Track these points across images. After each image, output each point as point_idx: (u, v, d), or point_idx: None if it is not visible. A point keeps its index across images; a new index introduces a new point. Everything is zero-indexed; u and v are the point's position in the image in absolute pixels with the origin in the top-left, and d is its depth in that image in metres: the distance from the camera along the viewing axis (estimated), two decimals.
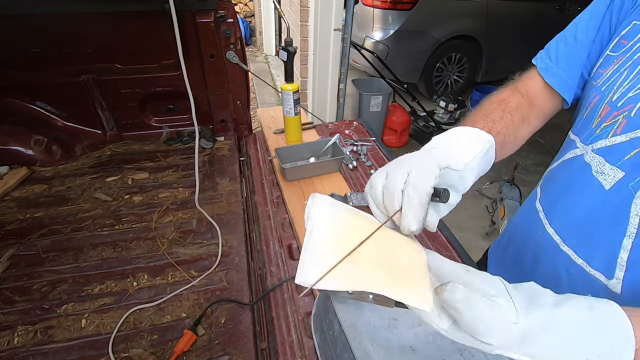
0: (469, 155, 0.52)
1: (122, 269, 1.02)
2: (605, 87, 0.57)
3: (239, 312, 0.90)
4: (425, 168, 0.44)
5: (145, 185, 1.35)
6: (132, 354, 0.81)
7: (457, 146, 0.53)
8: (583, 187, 0.58)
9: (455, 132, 0.56)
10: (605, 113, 0.56)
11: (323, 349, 0.70)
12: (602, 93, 0.57)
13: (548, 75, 0.67)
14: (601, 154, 0.56)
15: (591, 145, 0.58)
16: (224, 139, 1.63)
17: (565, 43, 0.66)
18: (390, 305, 0.61)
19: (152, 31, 1.32)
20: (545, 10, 4.20)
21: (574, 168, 0.62)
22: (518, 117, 0.66)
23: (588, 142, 0.59)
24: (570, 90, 0.67)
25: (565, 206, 0.62)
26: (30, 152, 1.43)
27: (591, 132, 0.58)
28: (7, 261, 1.03)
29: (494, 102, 0.67)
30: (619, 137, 0.53)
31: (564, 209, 0.62)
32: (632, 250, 0.51)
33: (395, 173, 0.45)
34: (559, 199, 0.64)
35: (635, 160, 0.51)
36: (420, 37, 3.80)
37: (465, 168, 0.50)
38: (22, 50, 1.29)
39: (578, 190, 0.60)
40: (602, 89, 0.57)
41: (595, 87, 0.59)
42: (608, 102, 0.56)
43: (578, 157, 0.61)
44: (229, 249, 1.09)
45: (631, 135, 0.51)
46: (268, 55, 5.50)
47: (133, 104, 1.52)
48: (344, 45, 2.60)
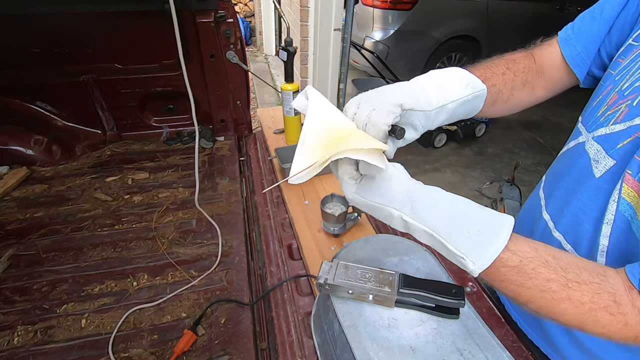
0: (443, 98, 0.53)
1: (122, 269, 1.02)
2: (619, 76, 0.56)
3: (239, 312, 0.90)
4: (388, 107, 0.47)
5: (145, 185, 1.35)
6: (132, 354, 0.81)
7: (436, 87, 0.53)
8: (578, 174, 0.59)
9: (444, 72, 0.56)
10: (613, 101, 0.55)
11: (323, 349, 0.70)
12: (615, 82, 0.56)
13: (565, 47, 0.65)
14: (599, 142, 0.56)
15: (592, 133, 0.58)
16: (224, 139, 1.63)
17: (591, 17, 0.64)
18: (390, 305, 0.61)
19: (152, 31, 1.32)
20: (545, 10, 4.20)
21: (573, 155, 0.62)
22: (521, 79, 0.65)
23: (591, 129, 0.58)
24: (582, 65, 0.65)
25: (561, 193, 0.63)
26: (30, 152, 1.43)
27: (596, 120, 0.58)
28: (7, 261, 1.03)
29: (503, 58, 0.66)
30: (618, 126, 0.53)
31: (560, 195, 0.63)
32: (611, 236, 0.52)
33: (364, 107, 0.48)
34: (556, 185, 0.65)
35: (627, 148, 0.51)
36: (420, 37, 3.80)
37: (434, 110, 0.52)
38: (22, 50, 1.29)
39: (573, 178, 0.60)
40: (617, 78, 0.57)
41: (612, 76, 0.58)
42: (618, 91, 0.55)
43: (580, 144, 0.61)
44: (229, 249, 1.09)
45: (629, 124, 0.51)
46: (268, 55, 5.50)
47: (133, 104, 1.52)
48: (344, 45, 2.60)
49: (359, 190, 0.47)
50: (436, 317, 0.61)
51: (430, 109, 0.51)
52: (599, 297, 0.42)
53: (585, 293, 0.42)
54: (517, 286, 0.44)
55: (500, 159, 3.49)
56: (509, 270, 0.43)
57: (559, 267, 0.43)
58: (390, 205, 0.46)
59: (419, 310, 0.61)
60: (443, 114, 0.54)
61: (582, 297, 0.42)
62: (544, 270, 0.43)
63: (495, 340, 0.59)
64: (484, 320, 0.62)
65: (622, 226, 0.51)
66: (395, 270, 0.64)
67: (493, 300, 0.86)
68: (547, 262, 0.43)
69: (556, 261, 0.44)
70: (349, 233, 1.04)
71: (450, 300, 0.57)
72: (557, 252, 0.45)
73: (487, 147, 3.69)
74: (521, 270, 0.43)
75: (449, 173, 3.24)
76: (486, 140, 3.78)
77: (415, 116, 0.52)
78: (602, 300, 0.42)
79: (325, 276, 0.63)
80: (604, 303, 0.42)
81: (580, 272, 0.43)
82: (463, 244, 0.43)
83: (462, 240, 0.43)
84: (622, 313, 0.42)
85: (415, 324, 0.60)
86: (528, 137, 3.90)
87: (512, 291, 0.45)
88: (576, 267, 0.44)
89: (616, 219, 0.51)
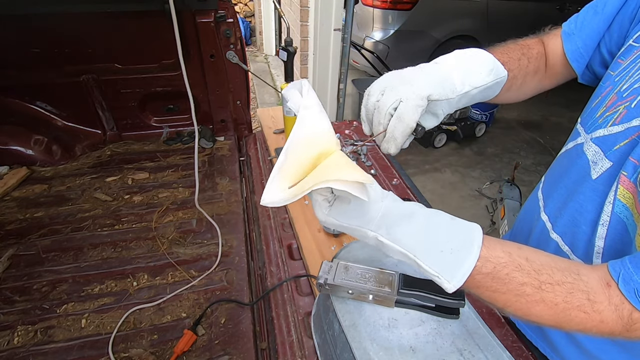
0: (468, 84, 0.53)
1: (122, 269, 1.02)
2: (619, 77, 0.56)
3: (239, 312, 0.90)
4: (416, 101, 0.48)
5: (145, 185, 1.35)
6: (132, 354, 0.81)
7: (461, 72, 0.53)
8: (576, 175, 0.59)
9: (469, 54, 0.57)
10: (611, 103, 0.55)
11: (323, 349, 0.70)
12: (614, 83, 0.57)
13: (566, 41, 0.66)
14: (598, 144, 0.56)
15: (591, 134, 0.58)
16: (224, 139, 1.63)
17: (594, 11, 0.64)
18: (390, 305, 0.61)
19: (152, 31, 1.32)
20: (545, 10, 4.20)
21: (572, 157, 0.62)
22: (533, 66, 0.66)
23: (590, 131, 0.59)
24: (581, 60, 0.65)
25: (559, 194, 0.63)
26: (30, 152, 1.43)
27: (594, 121, 0.58)
28: (7, 261, 1.03)
29: (518, 43, 0.67)
30: (616, 127, 0.53)
31: (558, 196, 0.63)
32: (607, 238, 0.52)
33: (389, 95, 0.49)
34: (555, 186, 0.65)
35: (623, 150, 0.51)
36: (420, 37, 3.80)
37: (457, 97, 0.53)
38: (22, 50, 1.29)
39: (571, 179, 0.61)
40: (616, 79, 0.57)
41: (611, 77, 0.58)
42: (617, 92, 0.55)
43: (578, 145, 0.61)
44: (229, 249, 1.09)
45: (626, 126, 0.51)
46: (268, 55, 5.50)
47: (133, 104, 1.52)
48: (344, 45, 2.60)
49: (333, 212, 0.47)
50: (436, 317, 0.61)
51: (454, 96, 0.52)
52: (572, 297, 0.43)
53: (559, 294, 0.43)
54: (492, 292, 0.44)
55: (500, 159, 3.49)
56: (483, 277, 0.43)
57: (532, 270, 0.44)
58: (365, 227, 0.46)
59: (419, 310, 0.61)
60: (465, 99, 0.56)
61: (555, 298, 0.43)
62: (517, 275, 0.43)
63: (495, 340, 0.59)
64: (484, 320, 0.62)
65: (617, 227, 0.51)
66: (395, 270, 0.64)
67: None
68: (520, 266, 0.44)
69: (529, 264, 0.44)
70: None
71: (450, 300, 0.57)
72: (530, 253, 0.45)
73: (487, 147, 3.69)
74: (495, 276, 0.43)
75: (449, 173, 3.24)
76: (486, 140, 3.78)
77: (439, 105, 0.53)
78: (575, 300, 0.42)
79: (325, 276, 0.63)
80: (577, 302, 0.42)
81: (553, 272, 0.43)
82: (437, 264, 0.43)
83: (436, 260, 0.43)
84: (596, 311, 0.42)
85: (415, 324, 0.60)
86: (528, 137, 3.90)
87: (488, 297, 0.45)
88: (549, 268, 0.44)
89: (612, 221, 0.51)
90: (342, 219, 0.46)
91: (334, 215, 0.46)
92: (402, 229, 0.44)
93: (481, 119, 3.72)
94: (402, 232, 0.44)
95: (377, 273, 0.63)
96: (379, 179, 1.29)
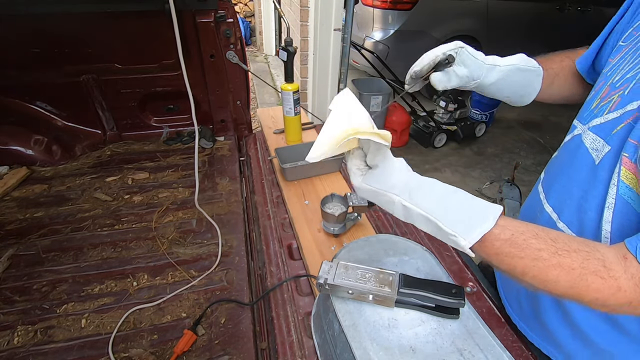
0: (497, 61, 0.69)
1: (122, 269, 1.02)
2: (610, 72, 0.61)
3: (239, 312, 0.90)
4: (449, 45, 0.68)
5: (145, 185, 1.35)
6: (132, 354, 0.81)
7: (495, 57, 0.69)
8: (578, 164, 0.61)
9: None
10: (605, 94, 0.59)
11: (323, 349, 0.70)
12: (607, 78, 0.61)
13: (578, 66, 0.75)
14: (595, 132, 0.59)
15: (588, 124, 0.61)
16: (224, 139, 1.63)
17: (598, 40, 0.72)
18: (390, 305, 0.61)
19: (152, 31, 1.32)
20: (545, 10, 4.20)
21: (571, 148, 0.65)
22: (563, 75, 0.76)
23: (586, 122, 0.62)
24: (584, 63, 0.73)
25: (561, 184, 0.66)
26: (30, 152, 1.43)
27: (590, 113, 0.62)
28: (7, 261, 1.03)
29: (557, 53, 0.77)
30: (612, 114, 0.56)
31: (560, 186, 0.66)
32: (613, 221, 0.54)
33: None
34: (556, 177, 0.68)
35: (621, 134, 0.53)
36: (420, 37, 3.79)
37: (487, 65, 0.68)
38: (22, 50, 1.29)
39: (573, 168, 0.63)
40: (608, 74, 0.61)
41: (604, 74, 0.63)
42: (609, 85, 0.59)
43: (576, 137, 0.64)
44: (229, 249, 1.09)
45: (622, 111, 0.54)
46: (268, 55, 5.50)
47: (133, 104, 1.52)
48: (344, 45, 2.60)
49: (365, 179, 0.55)
50: (436, 317, 0.61)
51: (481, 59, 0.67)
52: (588, 263, 0.45)
53: (575, 259, 0.45)
54: (510, 258, 0.47)
55: (500, 159, 3.49)
56: (502, 243, 0.47)
57: (549, 238, 0.47)
58: (391, 191, 0.53)
59: (419, 310, 0.61)
60: (495, 72, 0.68)
61: (572, 263, 0.45)
62: (534, 241, 0.47)
63: (495, 340, 0.59)
64: (484, 320, 0.62)
65: (623, 210, 0.52)
66: (395, 270, 0.64)
67: (493, 300, 0.86)
68: (537, 234, 0.47)
69: (545, 233, 0.48)
70: (349, 233, 1.04)
71: (450, 300, 0.57)
72: (546, 228, 0.49)
73: (487, 147, 3.68)
74: (513, 242, 0.47)
75: (449, 173, 3.24)
76: (486, 140, 3.78)
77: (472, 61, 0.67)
78: (591, 265, 0.45)
79: (325, 276, 0.63)
80: (593, 268, 0.44)
81: (569, 241, 0.47)
82: (456, 224, 0.48)
83: (454, 221, 0.48)
84: (613, 277, 0.44)
85: (415, 324, 0.60)
86: (528, 137, 3.90)
87: (507, 264, 0.48)
88: (565, 238, 0.47)
89: (617, 203, 0.53)
90: (373, 184, 0.54)
91: (367, 182, 0.55)
92: (423, 195, 0.51)
93: (481, 119, 3.72)
94: (423, 197, 0.51)
95: (377, 273, 0.63)
96: None
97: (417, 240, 0.97)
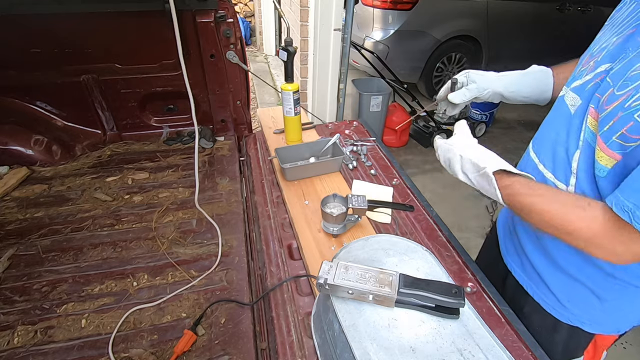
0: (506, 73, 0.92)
1: (122, 269, 1.02)
2: (593, 45, 0.74)
3: (239, 312, 0.90)
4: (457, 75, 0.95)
5: (145, 185, 1.35)
6: (132, 354, 0.81)
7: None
8: (558, 116, 0.77)
9: None
10: (585, 61, 0.73)
11: (323, 349, 0.70)
12: (590, 50, 0.74)
13: None
14: (574, 91, 0.73)
15: (570, 86, 0.75)
16: (224, 139, 1.63)
17: None
18: (390, 305, 0.61)
19: (152, 31, 1.32)
20: (545, 10, 4.19)
21: (555, 106, 0.80)
22: None
23: (569, 85, 0.76)
24: None
25: (542, 133, 0.82)
26: (30, 152, 1.43)
27: (573, 77, 0.75)
28: (7, 261, 1.03)
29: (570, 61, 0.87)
30: (588, 76, 0.70)
31: (542, 136, 0.82)
32: (579, 159, 0.68)
33: None
34: (541, 130, 0.84)
35: (590, 91, 0.68)
36: (420, 37, 3.79)
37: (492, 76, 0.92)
38: (22, 50, 1.29)
39: (554, 119, 0.78)
40: (592, 47, 0.74)
41: (589, 48, 0.76)
42: (589, 55, 0.73)
43: (560, 97, 0.78)
44: (229, 249, 1.09)
45: (593, 74, 0.68)
46: (268, 55, 5.49)
47: (133, 104, 1.52)
48: (344, 45, 2.60)
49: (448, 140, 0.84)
50: (436, 317, 0.61)
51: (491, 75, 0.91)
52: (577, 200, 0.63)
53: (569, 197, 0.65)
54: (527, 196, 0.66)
55: None
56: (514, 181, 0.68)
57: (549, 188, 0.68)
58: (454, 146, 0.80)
59: (419, 310, 0.61)
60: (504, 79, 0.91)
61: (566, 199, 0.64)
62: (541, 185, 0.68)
63: (495, 340, 0.59)
64: (484, 320, 0.62)
65: (587, 151, 0.66)
66: (395, 270, 0.64)
67: (493, 300, 0.86)
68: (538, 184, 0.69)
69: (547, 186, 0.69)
70: (349, 233, 1.04)
71: (450, 300, 0.57)
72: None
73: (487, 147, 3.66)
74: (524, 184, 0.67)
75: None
76: (486, 140, 3.77)
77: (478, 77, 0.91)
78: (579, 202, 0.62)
79: (325, 276, 0.63)
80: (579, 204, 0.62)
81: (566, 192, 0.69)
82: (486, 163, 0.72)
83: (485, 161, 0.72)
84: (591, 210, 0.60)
85: (416, 324, 0.60)
86: (528, 138, 3.88)
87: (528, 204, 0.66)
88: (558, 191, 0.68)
89: (583, 145, 0.67)
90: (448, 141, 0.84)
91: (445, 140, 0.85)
92: (472, 152, 0.76)
93: (481, 119, 3.72)
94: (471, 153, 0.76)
95: (377, 273, 0.63)
96: (379, 178, 1.29)
97: (417, 241, 0.97)
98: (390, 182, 1.26)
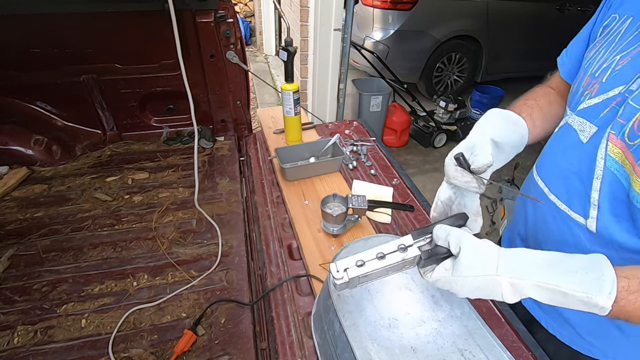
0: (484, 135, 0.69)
1: (122, 269, 1.02)
2: (588, 64, 0.69)
3: (239, 312, 0.90)
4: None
5: (145, 185, 1.35)
6: (132, 354, 0.81)
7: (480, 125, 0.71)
8: (566, 143, 0.70)
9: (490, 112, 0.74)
10: (586, 84, 0.68)
11: (323, 348, 0.70)
12: (585, 69, 0.70)
13: (561, 69, 0.82)
14: (581, 115, 0.67)
15: (575, 110, 0.69)
16: (224, 139, 1.63)
17: (575, 39, 0.80)
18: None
19: (152, 31, 1.32)
20: (545, 10, 4.19)
21: (561, 131, 0.74)
22: (544, 101, 0.79)
23: (573, 108, 0.70)
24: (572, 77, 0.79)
25: (550, 161, 0.75)
26: (30, 152, 1.43)
27: (577, 100, 0.70)
28: (7, 261, 1.03)
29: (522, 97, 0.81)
30: (594, 100, 0.64)
31: (550, 163, 0.75)
32: (601, 189, 0.61)
33: None
34: (546, 155, 0.77)
35: (606, 117, 0.61)
36: (420, 37, 3.79)
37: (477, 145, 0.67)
38: (22, 50, 1.29)
39: (562, 146, 0.71)
40: (586, 66, 0.70)
41: (583, 67, 0.72)
42: (589, 75, 0.68)
43: (565, 123, 0.72)
44: (229, 249, 1.09)
45: (603, 97, 0.63)
46: (268, 55, 5.49)
47: (133, 104, 1.52)
48: (344, 45, 2.60)
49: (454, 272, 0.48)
50: (437, 317, 0.61)
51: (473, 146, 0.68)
52: None
53: None
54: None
55: None
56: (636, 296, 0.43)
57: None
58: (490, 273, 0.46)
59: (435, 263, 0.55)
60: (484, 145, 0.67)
61: None
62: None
63: (496, 340, 0.59)
64: (484, 320, 0.62)
65: (609, 180, 0.60)
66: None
67: (493, 300, 0.86)
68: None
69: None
70: (349, 233, 1.04)
71: None
72: None
73: None
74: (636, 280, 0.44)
75: None
76: None
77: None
78: None
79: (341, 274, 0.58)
80: None
81: None
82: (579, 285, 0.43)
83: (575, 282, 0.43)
84: None
85: (416, 324, 0.60)
86: None
87: None
88: None
89: (604, 174, 0.60)
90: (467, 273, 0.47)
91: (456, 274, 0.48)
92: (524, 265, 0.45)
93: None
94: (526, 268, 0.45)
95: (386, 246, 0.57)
96: (379, 178, 1.29)
97: None
98: (390, 182, 1.26)
